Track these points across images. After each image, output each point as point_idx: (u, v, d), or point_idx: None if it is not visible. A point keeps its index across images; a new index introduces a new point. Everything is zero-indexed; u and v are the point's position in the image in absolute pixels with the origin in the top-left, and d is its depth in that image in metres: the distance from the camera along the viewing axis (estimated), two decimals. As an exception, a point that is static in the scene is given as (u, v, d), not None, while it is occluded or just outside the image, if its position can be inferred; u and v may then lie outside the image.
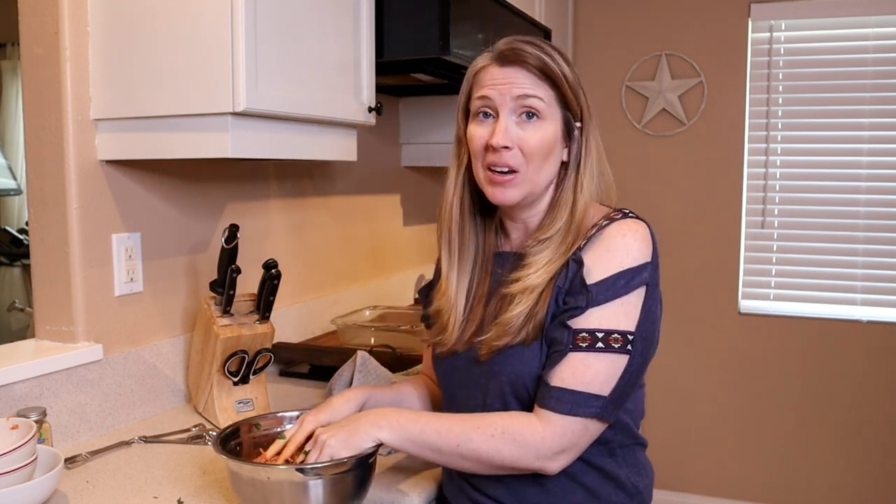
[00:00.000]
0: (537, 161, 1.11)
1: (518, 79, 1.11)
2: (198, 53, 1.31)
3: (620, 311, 1.06)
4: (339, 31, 1.57)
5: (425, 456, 1.09)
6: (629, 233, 1.09)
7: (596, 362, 1.04)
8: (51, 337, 1.48)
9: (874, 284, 3.04)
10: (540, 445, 1.04)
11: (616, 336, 1.05)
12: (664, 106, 3.20)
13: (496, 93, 1.11)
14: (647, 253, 1.10)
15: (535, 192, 1.14)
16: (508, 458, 1.05)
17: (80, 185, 1.44)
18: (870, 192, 3.02)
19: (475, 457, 1.06)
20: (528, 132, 1.11)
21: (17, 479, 1.05)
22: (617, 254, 1.08)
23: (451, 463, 1.09)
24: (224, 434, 1.16)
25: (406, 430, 1.07)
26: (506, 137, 1.10)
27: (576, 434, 1.05)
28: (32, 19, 1.43)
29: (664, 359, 3.29)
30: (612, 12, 3.27)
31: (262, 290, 1.55)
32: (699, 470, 3.30)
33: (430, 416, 1.10)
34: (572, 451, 1.06)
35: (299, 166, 2.07)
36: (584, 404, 1.03)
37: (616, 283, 1.06)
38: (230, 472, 1.09)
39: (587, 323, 1.05)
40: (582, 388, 1.04)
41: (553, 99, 1.12)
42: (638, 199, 3.25)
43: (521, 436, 1.04)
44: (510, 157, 1.11)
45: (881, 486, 3.06)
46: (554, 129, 1.12)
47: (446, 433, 1.06)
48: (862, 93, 3.00)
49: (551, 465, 1.06)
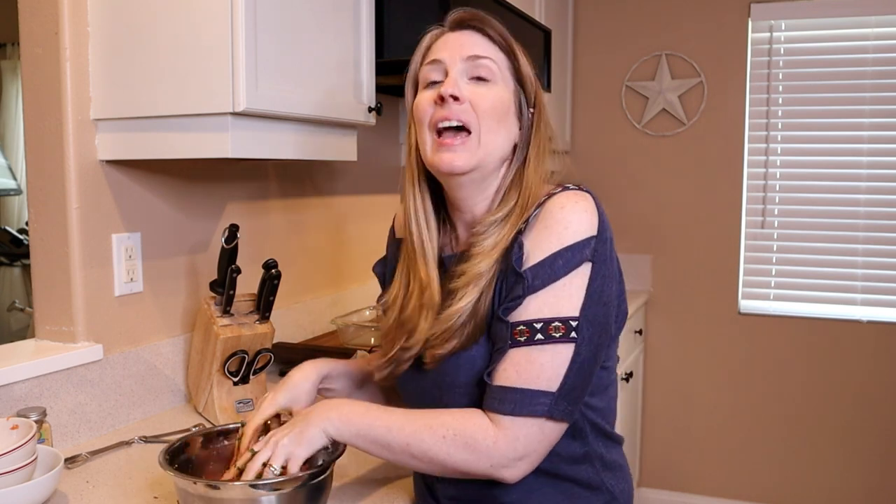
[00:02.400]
0: (491, 121, 1.03)
1: (472, 40, 1.05)
2: (198, 53, 1.31)
3: (561, 295, 0.95)
4: (338, 30, 1.57)
5: (376, 453, 1.01)
6: (567, 205, 0.98)
7: (539, 356, 0.94)
8: (51, 337, 1.48)
9: (874, 284, 3.04)
10: (493, 452, 0.95)
11: (557, 325, 0.95)
12: (664, 106, 3.20)
13: (446, 54, 1.05)
14: (590, 226, 0.97)
15: (487, 162, 1.04)
16: (461, 463, 0.96)
17: (80, 185, 1.44)
18: (870, 192, 3.02)
19: (427, 458, 0.98)
20: (481, 90, 1.03)
21: (17, 479, 1.05)
22: (555, 229, 0.97)
23: (402, 462, 1.01)
24: (173, 448, 1.10)
25: (355, 425, 1.00)
26: (456, 88, 1.02)
27: (531, 439, 0.95)
28: (32, 19, 1.43)
29: (664, 359, 3.29)
30: (612, 12, 3.27)
31: (262, 290, 1.55)
32: (699, 470, 3.30)
33: (382, 411, 1.01)
34: (530, 457, 0.97)
35: (299, 166, 2.07)
36: (528, 403, 0.94)
37: (553, 263, 0.96)
38: (178, 490, 1.03)
39: (525, 314, 0.96)
40: (526, 386, 0.94)
41: (508, 68, 1.06)
42: (638, 199, 3.26)
43: (474, 440, 0.95)
44: (461, 110, 1.02)
45: (881, 486, 3.06)
46: (507, 94, 1.05)
47: (397, 430, 0.98)
48: (862, 93, 3.00)
49: (508, 474, 0.97)
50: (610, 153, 3.30)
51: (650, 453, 3.36)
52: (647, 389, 3.34)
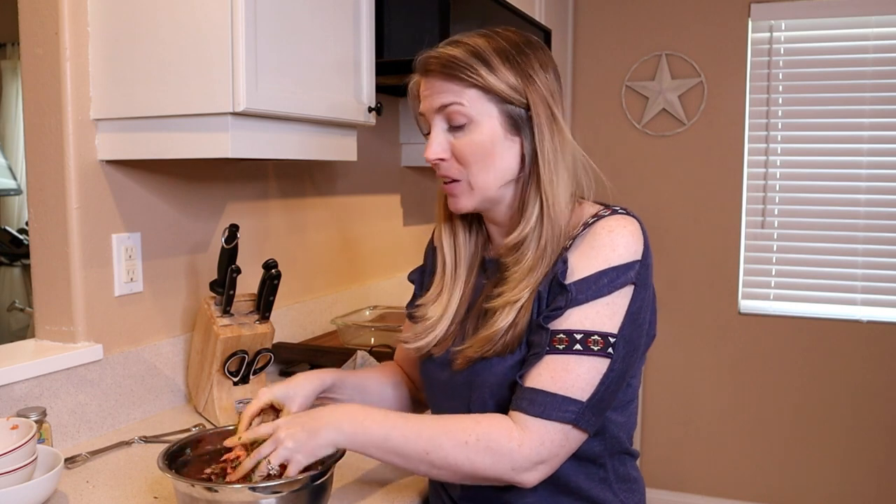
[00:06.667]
0: (476, 166, 1.05)
1: (436, 87, 1.05)
2: (198, 53, 1.31)
3: (603, 312, 0.98)
4: (338, 31, 1.57)
5: (391, 462, 1.01)
6: (616, 228, 1.01)
7: (576, 366, 0.97)
8: (51, 337, 1.48)
9: (874, 284, 3.04)
10: (516, 454, 0.95)
11: (596, 338, 0.97)
12: (664, 106, 3.21)
13: (425, 107, 1.07)
14: (636, 251, 1.00)
15: (490, 195, 1.07)
16: (481, 467, 0.96)
17: (80, 185, 1.44)
18: (870, 192, 3.02)
19: (445, 465, 0.97)
20: (460, 139, 1.05)
21: (17, 479, 1.05)
22: (602, 251, 1.00)
23: (419, 470, 1.01)
24: (172, 450, 1.10)
25: (370, 435, 0.99)
26: (437, 150, 1.06)
27: (555, 444, 0.96)
28: (32, 19, 1.43)
29: (664, 359, 3.29)
30: (612, 12, 3.27)
31: (262, 290, 1.55)
32: (699, 470, 3.30)
33: (398, 419, 1.01)
34: (551, 462, 0.98)
35: (299, 166, 2.07)
36: (558, 408, 0.96)
37: (598, 281, 0.98)
38: (177, 492, 1.03)
39: (565, 324, 0.98)
40: (558, 392, 0.96)
41: (480, 98, 1.03)
42: (638, 199, 3.26)
43: (497, 443, 0.96)
44: (447, 168, 1.07)
45: (881, 486, 3.06)
46: (490, 128, 1.04)
47: (415, 438, 0.98)
48: (862, 93, 3.00)
49: (527, 478, 0.97)
50: (610, 153, 3.30)
51: (650, 453, 3.36)
52: (648, 389, 3.34)
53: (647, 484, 3.34)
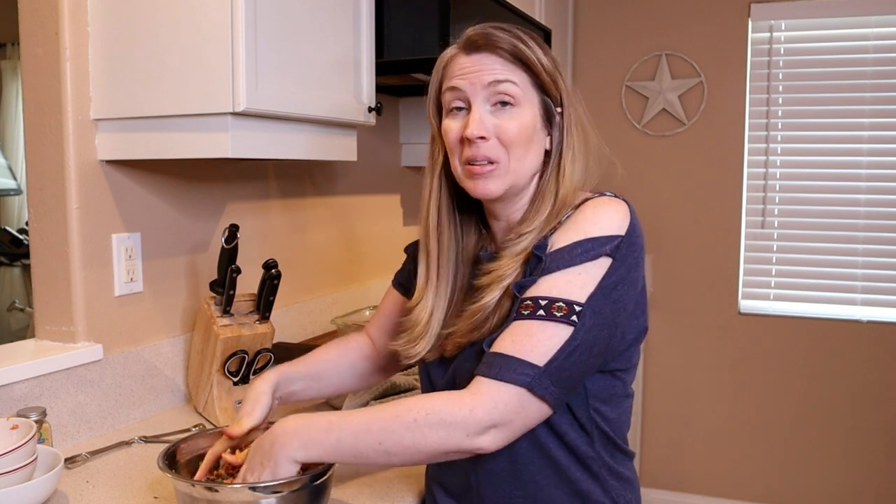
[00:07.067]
0: (519, 150, 1.03)
1: (488, 64, 1.03)
2: (198, 53, 1.31)
3: (574, 281, 0.96)
4: (338, 31, 1.57)
5: (350, 462, 0.98)
6: (602, 205, 1.00)
7: (538, 331, 0.94)
8: (51, 337, 1.48)
9: (874, 284, 3.04)
10: (469, 419, 0.93)
11: (560, 304, 0.95)
12: (664, 106, 3.20)
13: (466, 82, 1.03)
14: (619, 226, 0.98)
15: (519, 183, 1.06)
16: (436, 441, 0.93)
17: (80, 185, 1.44)
18: (870, 192, 3.02)
19: (401, 450, 0.95)
20: (505, 120, 1.03)
21: (17, 479, 1.05)
22: (584, 224, 0.99)
23: (378, 463, 1.00)
24: (172, 450, 1.11)
25: (321, 444, 0.97)
26: (481, 127, 1.02)
27: (509, 407, 0.93)
28: (32, 19, 1.43)
29: (664, 359, 3.29)
30: (612, 12, 3.27)
31: (262, 290, 1.55)
32: (699, 470, 3.30)
33: (344, 419, 0.98)
34: (507, 428, 0.95)
35: (299, 166, 2.07)
36: (513, 370, 0.93)
37: (573, 251, 0.97)
38: (177, 492, 1.04)
39: (534, 291, 0.97)
40: (515, 354, 0.94)
41: (528, 83, 1.04)
42: (638, 199, 3.25)
43: (448, 413, 0.93)
44: (488, 148, 1.03)
45: (881, 486, 3.06)
46: (532, 114, 1.04)
47: (365, 434, 0.95)
48: (862, 93, 3.00)
49: (483, 441, 0.94)
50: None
51: (650, 453, 3.36)
52: (647, 389, 3.34)
53: (646, 484, 3.34)
